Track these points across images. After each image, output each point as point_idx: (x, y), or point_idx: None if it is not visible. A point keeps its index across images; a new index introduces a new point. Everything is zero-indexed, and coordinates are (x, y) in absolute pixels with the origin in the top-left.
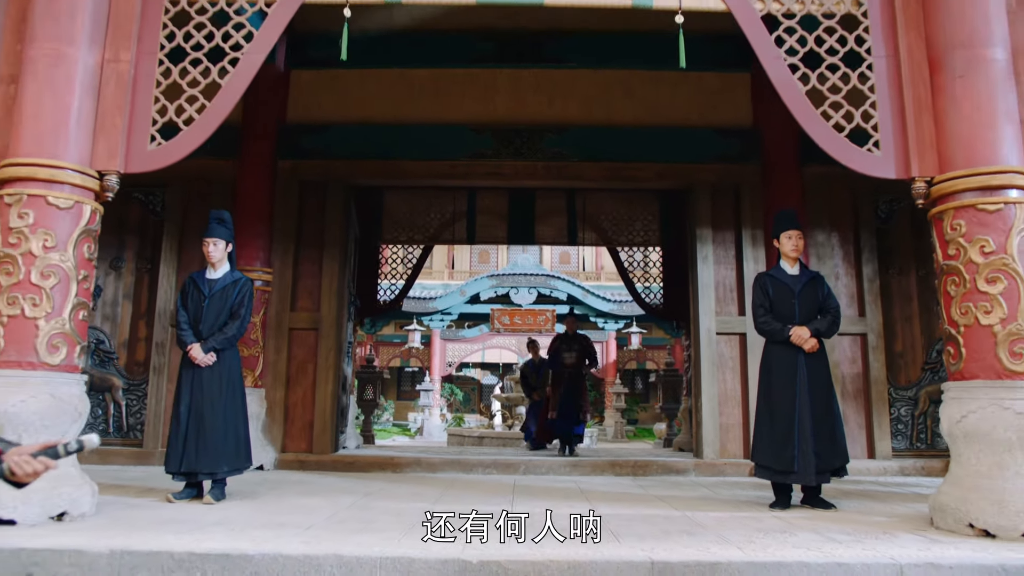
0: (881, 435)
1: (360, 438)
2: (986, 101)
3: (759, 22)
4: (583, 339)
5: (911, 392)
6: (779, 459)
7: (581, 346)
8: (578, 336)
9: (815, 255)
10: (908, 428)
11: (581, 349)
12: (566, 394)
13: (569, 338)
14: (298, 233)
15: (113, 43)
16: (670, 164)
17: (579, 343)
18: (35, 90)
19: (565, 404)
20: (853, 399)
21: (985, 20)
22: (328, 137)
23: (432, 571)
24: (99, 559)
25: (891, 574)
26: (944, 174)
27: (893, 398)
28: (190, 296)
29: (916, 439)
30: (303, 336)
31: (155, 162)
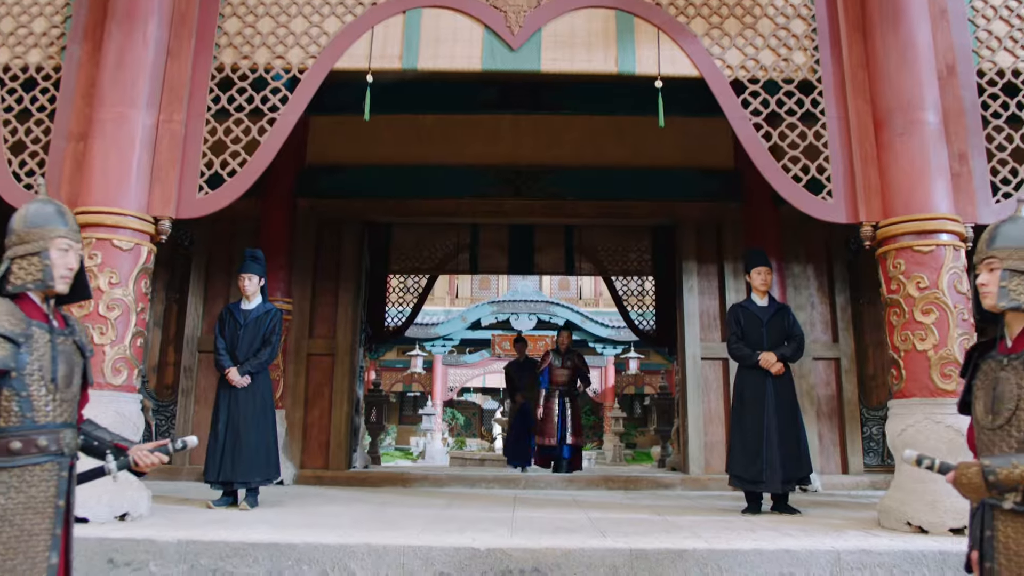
0: (853, 452)
1: (368, 458)
2: (921, 157)
3: (728, 86)
4: (576, 355)
5: (882, 412)
6: (749, 470)
7: (574, 363)
8: (571, 352)
9: (792, 285)
10: (879, 445)
11: (574, 366)
12: (560, 416)
13: (562, 354)
14: (315, 266)
15: (167, 106)
16: (658, 202)
17: (572, 359)
18: (103, 147)
19: (559, 427)
20: (828, 419)
21: (919, 88)
22: (344, 178)
23: (447, 556)
24: (168, 547)
25: (830, 559)
26: (887, 219)
27: (865, 418)
28: (227, 325)
29: (887, 455)
30: (320, 361)
31: (203, 209)
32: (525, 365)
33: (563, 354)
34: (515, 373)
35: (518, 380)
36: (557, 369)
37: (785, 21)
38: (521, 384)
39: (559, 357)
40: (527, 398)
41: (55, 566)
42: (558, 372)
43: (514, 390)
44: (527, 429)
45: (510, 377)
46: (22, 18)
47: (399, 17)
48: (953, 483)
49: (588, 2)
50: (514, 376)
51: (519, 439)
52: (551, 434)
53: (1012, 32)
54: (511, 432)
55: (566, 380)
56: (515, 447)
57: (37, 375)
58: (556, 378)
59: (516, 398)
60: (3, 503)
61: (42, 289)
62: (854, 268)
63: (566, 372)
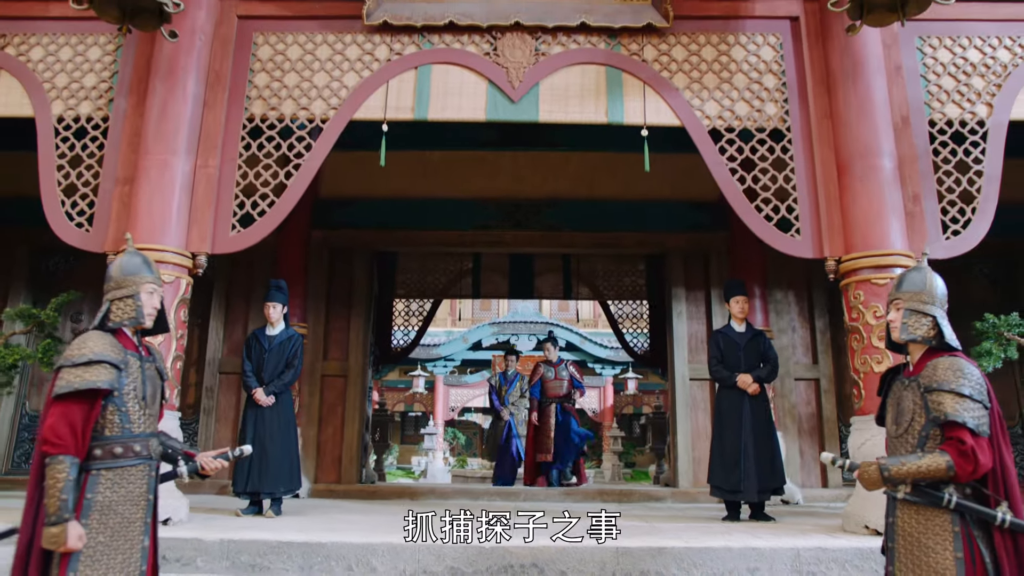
0: (833, 467)
1: (375, 475)
2: (878, 199)
3: (706, 135)
4: (569, 363)
5: None
6: (728, 480)
7: (568, 371)
8: (562, 361)
9: (775, 311)
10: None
11: (569, 376)
12: (559, 432)
13: (553, 365)
14: (329, 293)
15: (203, 153)
16: (649, 233)
17: (565, 369)
18: (148, 191)
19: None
20: (808, 436)
21: (876, 136)
22: (355, 210)
23: (457, 553)
24: (212, 545)
25: (791, 555)
26: (848, 255)
27: (843, 434)
28: (254, 349)
29: None
30: (333, 382)
31: (235, 245)
32: (513, 380)
33: (555, 365)
34: (501, 386)
35: (504, 394)
36: (550, 381)
37: (758, 76)
38: (506, 400)
39: (551, 368)
40: (513, 414)
41: (147, 548)
42: (551, 384)
43: (500, 405)
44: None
45: (495, 392)
46: (75, 74)
47: (411, 72)
48: (857, 478)
49: (581, 59)
50: (499, 389)
51: (505, 459)
52: (548, 448)
53: (959, 87)
54: (499, 453)
55: (561, 391)
56: (502, 467)
57: (132, 394)
58: (550, 390)
59: (502, 414)
60: (110, 496)
61: (134, 325)
62: (833, 295)
63: (563, 384)
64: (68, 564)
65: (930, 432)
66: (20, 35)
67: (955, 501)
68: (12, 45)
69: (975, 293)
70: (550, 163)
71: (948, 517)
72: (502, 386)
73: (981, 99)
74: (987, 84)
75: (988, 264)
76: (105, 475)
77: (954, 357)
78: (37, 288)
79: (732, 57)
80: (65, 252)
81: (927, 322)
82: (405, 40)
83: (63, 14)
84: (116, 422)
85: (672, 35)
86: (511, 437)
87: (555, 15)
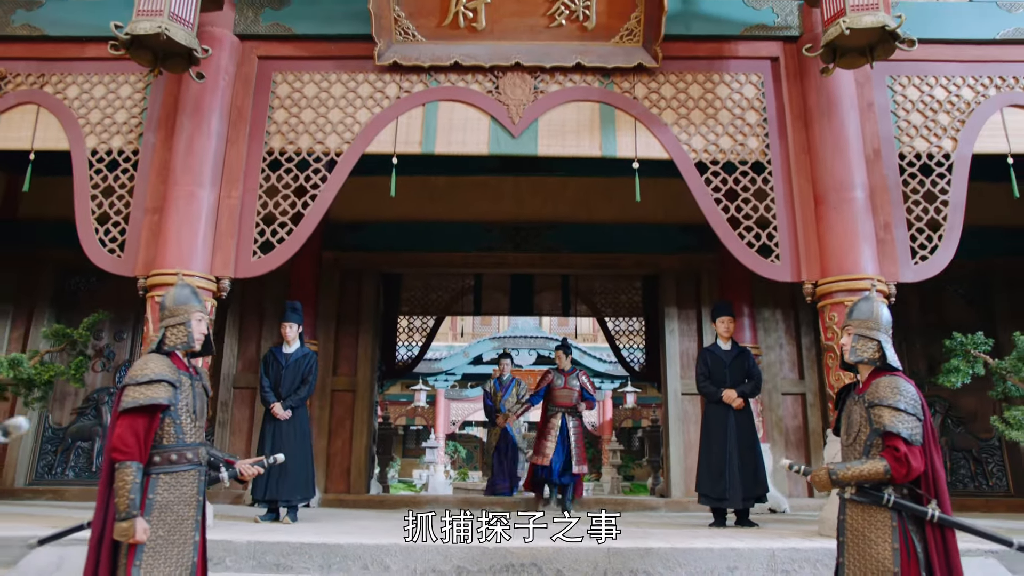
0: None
1: (380, 486)
2: (851, 227)
3: (693, 167)
4: (582, 372)
5: None
6: (715, 489)
7: (580, 381)
8: (574, 370)
9: (762, 328)
10: None
11: (580, 385)
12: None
13: (564, 373)
14: (339, 312)
15: (227, 185)
16: (643, 254)
17: (577, 378)
18: (176, 220)
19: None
20: (795, 448)
21: (849, 170)
22: (364, 233)
23: (463, 552)
24: (240, 546)
25: (767, 555)
26: (824, 279)
27: None
28: (271, 366)
29: None
30: (342, 396)
31: (256, 270)
32: (509, 385)
33: (566, 373)
34: (496, 392)
35: (499, 400)
36: (559, 389)
37: (741, 112)
38: (502, 406)
39: (561, 376)
40: (509, 421)
41: (197, 542)
42: (560, 392)
43: (495, 412)
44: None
45: (489, 398)
46: (107, 110)
47: (419, 109)
48: (810, 481)
49: (576, 97)
50: (494, 395)
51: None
52: (546, 453)
53: (927, 122)
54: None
55: (571, 401)
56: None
57: (185, 409)
58: (558, 399)
59: (498, 421)
60: (168, 496)
61: (185, 348)
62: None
63: (570, 392)
64: (135, 554)
65: (873, 441)
66: (58, 74)
67: (893, 500)
68: (50, 84)
69: (953, 314)
70: (549, 188)
71: (887, 514)
72: (497, 392)
73: (947, 134)
74: (952, 120)
75: (964, 285)
76: (163, 479)
77: (894, 376)
78: (61, 307)
79: (717, 95)
80: (87, 273)
81: (873, 346)
82: (413, 79)
83: (97, 55)
84: (172, 433)
85: (661, 74)
86: (511, 446)
87: (552, 56)
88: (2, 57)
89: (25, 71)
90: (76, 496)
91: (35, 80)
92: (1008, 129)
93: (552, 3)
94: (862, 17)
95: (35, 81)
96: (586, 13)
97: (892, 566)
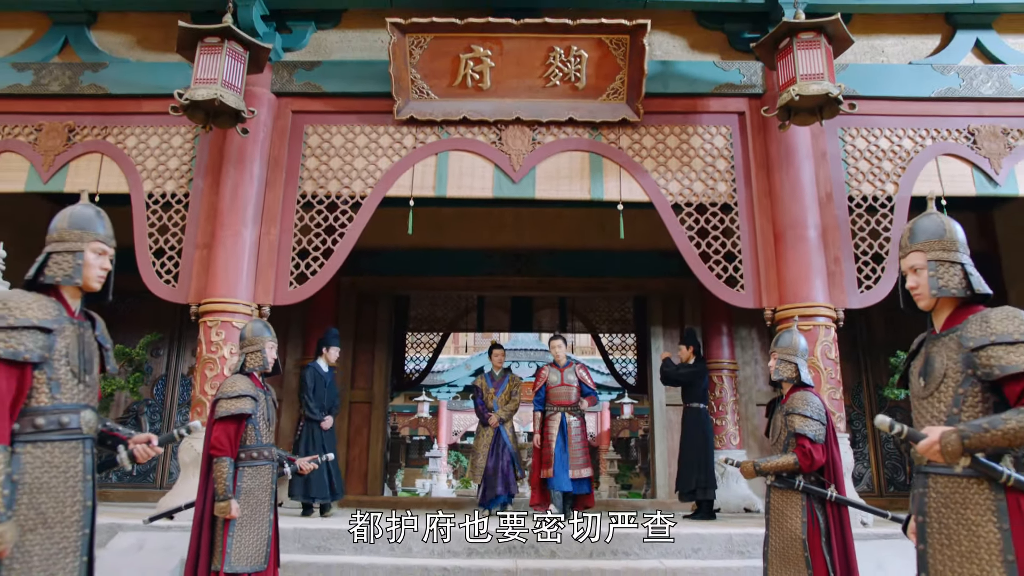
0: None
1: (390, 490)
2: (805, 261)
3: (670, 208)
4: (580, 366)
5: None
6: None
7: (577, 376)
8: (570, 363)
9: (740, 346)
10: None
11: (578, 380)
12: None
13: (560, 368)
14: (356, 331)
15: (266, 224)
16: (631, 278)
17: (574, 373)
18: (223, 256)
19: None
20: (768, 453)
21: (804, 211)
22: (378, 259)
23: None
24: (288, 532)
25: (725, 538)
26: (782, 306)
27: None
28: (317, 383)
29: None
30: (360, 408)
31: (292, 298)
32: (502, 380)
33: (562, 368)
34: (487, 387)
35: (491, 398)
36: (556, 387)
37: (712, 160)
38: (495, 404)
39: (556, 372)
40: (503, 420)
41: (271, 521)
42: (558, 390)
43: (487, 411)
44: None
45: (479, 394)
46: (161, 158)
47: (433, 158)
48: (740, 471)
49: (569, 147)
50: (484, 392)
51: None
52: (549, 463)
53: (872, 169)
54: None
55: (570, 398)
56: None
57: (262, 418)
58: (555, 397)
59: (490, 421)
60: (251, 484)
61: (261, 370)
62: None
63: (568, 389)
64: (229, 526)
65: (789, 441)
66: (119, 127)
67: (802, 485)
68: (112, 135)
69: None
70: (546, 218)
71: (799, 496)
72: (489, 388)
73: (890, 179)
74: (894, 167)
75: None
76: (247, 471)
77: (806, 392)
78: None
79: (691, 144)
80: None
81: (791, 367)
82: (427, 131)
83: (152, 110)
84: (253, 436)
85: (643, 127)
86: (503, 449)
87: (548, 112)
88: (72, 112)
89: (91, 124)
90: (119, 497)
91: (99, 132)
92: (942, 175)
93: (548, 67)
94: (809, 85)
95: (99, 133)
96: (577, 75)
97: (800, 534)
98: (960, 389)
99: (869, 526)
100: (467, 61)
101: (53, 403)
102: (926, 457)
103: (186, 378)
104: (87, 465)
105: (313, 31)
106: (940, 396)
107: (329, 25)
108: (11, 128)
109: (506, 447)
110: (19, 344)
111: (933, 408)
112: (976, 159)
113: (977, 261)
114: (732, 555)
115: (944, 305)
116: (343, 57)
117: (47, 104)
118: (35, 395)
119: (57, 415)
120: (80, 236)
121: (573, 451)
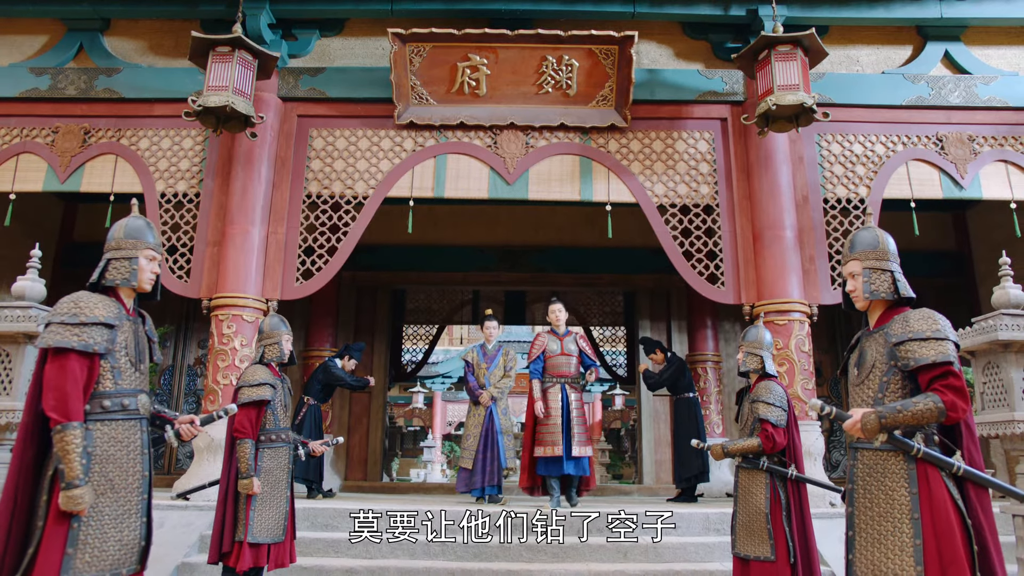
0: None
1: (387, 477)
2: (781, 260)
3: (655, 209)
4: (580, 335)
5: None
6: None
7: (578, 345)
8: (570, 332)
9: (723, 339)
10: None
11: (579, 350)
12: (565, 416)
13: (560, 337)
14: (356, 324)
15: (273, 223)
16: (620, 275)
17: (575, 342)
18: (233, 253)
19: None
20: None
21: (781, 213)
22: (377, 255)
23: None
24: (298, 511)
25: (703, 517)
26: (760, 302)
27: None
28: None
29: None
30: (360, 397)
31: (299, 293)
32: (495, 356)
33: (561, 336)
34: (478, 363)
35: (483, 373)
36: (555, 356)
37: (695, 164)
38: (487, 380)
39: (556, 340)
40: (496, 399)
41: (288, 498)
42: (557, 359)
43: (479, 388)
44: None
45: (471, 369)
46: (172, 159)
47: (431, 161)
48: (709, 453)
49: (560, 151)
50: (475, 367)
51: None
52: (554, 441)
53: (846, 173)
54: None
55: (570, 369)
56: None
57: (279, 403)
58: (555, 368)
59: (481, 399)
60: (269, 464)
61: (278, 361)
62: None
63: (568, 359)
64: (251, 501)
65: (755, 425)
66: (131, 130)
67: (767, 465)
68: (126, 137)
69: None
70: (539, 216)
71: (763, 475)
72: (481, 363)
73: (863, 182)
74: (867, 171)
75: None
76: (267, 452)
77: (770, 381)
78: None
79: (676, 149)
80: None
81: (757, 359)
82: (426, 135)
83: (164, 113)
84: (271, 419)
85: (630, 132)
86: (493, 432)
87: (541, 117)
88: (87, 115)
89: (105, 127)
90: None
91: (113, 134)
92: (912, 179)
93: (540, 75)
94: (786, 96)
95: (113, 135)
96: (569, 83)
97: (764, 509)
98: (885, 377)
99: (837, 507)
100: (464, 69)
101: (116, 388)
102: (852, 434)
103: (192, 369)
104: (144, 441)
105: (318, 38)
106: (869, 383)
107: (333, 33)
108: (29, 130)
109: (497, 435)
110: (89, 338)
111: (864, 394)
112: (943, 164)
113: (951, 259)
114: (708, 532)
115: (876, 306)
116: (346, 64)
117: (63, 107)
118: (102, 381)
119: (120, 398)
120: (135, 244)
121: (575, 427)
